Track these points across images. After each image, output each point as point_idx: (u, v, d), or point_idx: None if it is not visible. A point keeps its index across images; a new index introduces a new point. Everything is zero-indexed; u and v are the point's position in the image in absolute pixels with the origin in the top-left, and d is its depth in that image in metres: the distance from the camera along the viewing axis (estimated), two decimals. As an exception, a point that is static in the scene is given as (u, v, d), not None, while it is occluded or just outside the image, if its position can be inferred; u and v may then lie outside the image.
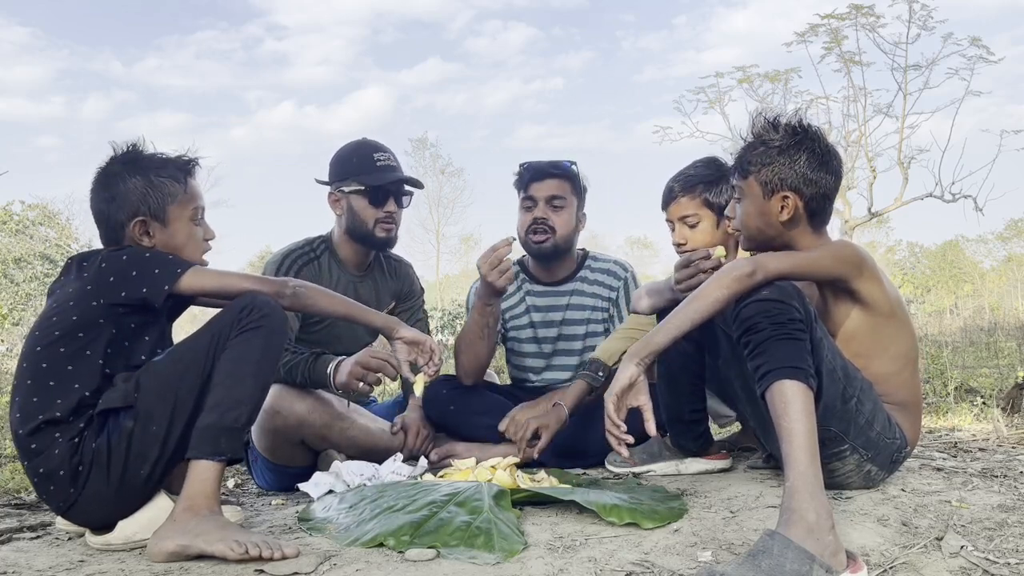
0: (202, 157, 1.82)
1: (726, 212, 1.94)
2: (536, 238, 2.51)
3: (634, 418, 1.68)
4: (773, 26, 41.32)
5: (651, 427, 1.67)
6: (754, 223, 1.81)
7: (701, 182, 2.27)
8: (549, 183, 2.50)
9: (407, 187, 2.51)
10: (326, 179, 2.53)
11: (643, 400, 1.67)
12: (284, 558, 1.42)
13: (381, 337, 2.09)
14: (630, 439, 1.66)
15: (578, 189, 2.55)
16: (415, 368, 1.99)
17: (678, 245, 2.31)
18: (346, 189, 2.45)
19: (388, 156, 2.48)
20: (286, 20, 54.28)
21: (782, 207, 1.76)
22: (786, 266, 1.66)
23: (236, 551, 1.42)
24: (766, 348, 1.50)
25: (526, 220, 2.52)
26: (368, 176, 2.43)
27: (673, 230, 2.33)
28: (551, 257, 2.56)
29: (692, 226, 2.28)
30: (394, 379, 2.15)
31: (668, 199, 2.32)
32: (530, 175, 2.52)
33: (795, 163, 1.74)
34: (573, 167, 2.54)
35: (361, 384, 2.14)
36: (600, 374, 2.30)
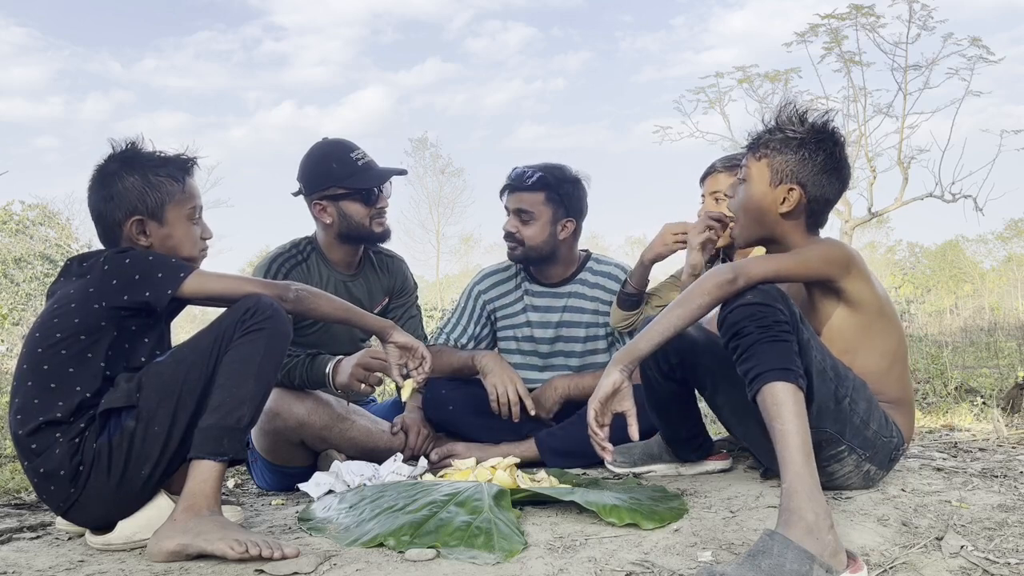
0: (201, 157, 1.81)
1: (725, 192, 1.95)
2: (509, 245, 2.57)
3: (622, 424, 1.70)
4: (770, 27, 41.28)
5: (634, 432, 1.68)
6: (753, 208, 1.80)
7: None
8: (516, 196, 2.51)
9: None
10: (300, 191, 2.46)
11: (627, 406, 1.68)
12: (284, 558, 1.42)
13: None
14: (611, 447, 1.69)
15: (556, 197, 2.49)
16: (405, 373, 2.00)
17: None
18: (334, 196, 2.39)
19: (363, 152, 2.43)
20: (284, 21, 54.26)
21: (785, 198, 1.76)
22: (770, 270, 1.66)
23: (236, 550, 1.42)
24: (754, 352, 1.50)
25: (503, 229, 2.58)
26: (356, 178, 2.38)
27: (703, 202, 2.46)
28: (526, 263, 2.60)
29: (720, 201, 2.38)
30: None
31: (707, 172, 2.46)
32: (505, 184, 2.55)
33: (811, 160, 1.75)
34: (552, 179, 2.49)
35: (362, 385, 2.14)
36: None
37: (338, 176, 2.38)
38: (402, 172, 2.50)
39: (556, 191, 2.50)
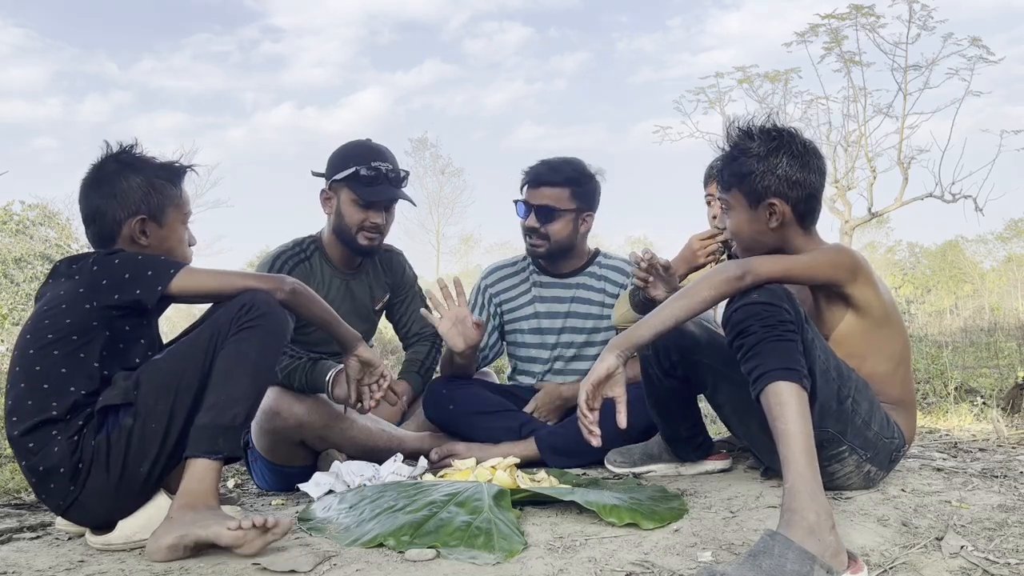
0: (197, 164, 1.84)
1: (716, 223, 1.94)
2: (531, 242, 2.54)
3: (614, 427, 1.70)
4: (767, 28, 41.14)
5: (621, 419, 1.68)
6: (746, 233, 1.81)
7: None
8: (543, 191, 2.49)
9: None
10: (323, 173, 2.50)
11: (618, 392, 1.67)
12: (278, 525, 1.44)
13: (377, 349, 2.12)
14: (598, 431, 1.68)
15: (578, 193, 2.50)
16: (359, 390, 2.03)
17: (714, 218, 2.44)
18: (337, 190, 2.44)
19: (388, 167, 2.43)
20: (281, 22, 54.19)
21: (770, 214, 1.76)
22: (778, 270, 1.66)
23: (232, 526, 1.42)
24: (758, 351, 1.50)
25: (521, 224, 2.55)
26: (360, 186, 2.40)
27: (709, 204, 2.48)
28: (547, 259, 2.58)
29: None
30: (393, 404, 2.19)
31: (709, 174, 2.47)
32: (527, 179, 2.53)
33: (776, 168, 1.73)
34: (575, 174, 2.50)
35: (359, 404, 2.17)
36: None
37: (348, 175, 2.41)
38: (408, 200, 2.50)
39: (580, 186, 2.51)
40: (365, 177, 2.40)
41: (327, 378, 2.20)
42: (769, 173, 1.73)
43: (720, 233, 2.25)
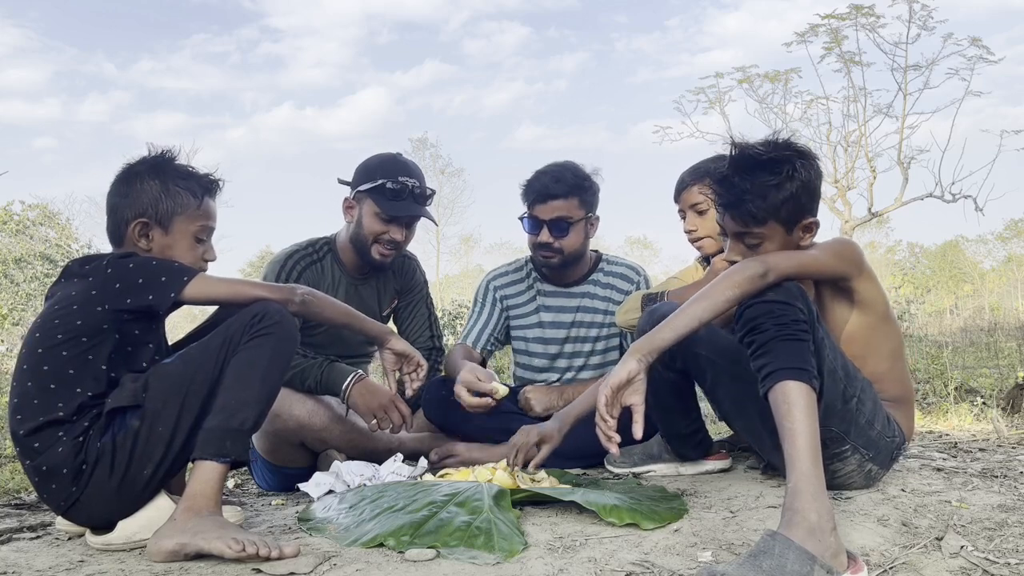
0: (225, 180, 1.83)
1: (725, 257, 1.82)
2: (544, 254, 2.51)
3: (625, 425, 1.65)
4: (765, 28, 41.32)
5: (638, 430, 1.61)
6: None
7: (710, 173, 2.31)
8: (553, 204, 2.44)
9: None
10: (348, 181, 2.49)
11: (636, 400, 1.61)
12: (282, 557, 1.42)
13: (380, 365, 2.13)
14: (618, 437, 1.62)
15: (586, 199, 2.47)
16: (399, 379, 2.03)
17: (689, 232, 2.40)
18: (361, 201, 2.43)
19: (415, 184, 2.40)
20: (279, 23, 54.36)
21: (806, 232, 1.72)
22: (794, 266, 1.65)
23: (234, 548, 1.42)
24: (770, 348, 1.50)
25: (532, 240, 2.51)
26: (384, 200, 2.38)
27: (684, 218, 2.40)
28: (558, 269, 2.56)
29: (701, 212, 2.34)
30: (399, 426, 2.19)
31: (680, 188, 2.40)
32: (533, 195, 2.47)
33: (806, 185, 1.68)
34: (579, 180, 2.46)
35: (374, 422, 2.18)
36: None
37: (373, 188, 2.39)
38: (430, 218, 2.47)
39: (585, 191, 2.47)
40: (390, 191, 2.38)
41: (344, 384, 2.20)
42: (801, 192, 1.67)
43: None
